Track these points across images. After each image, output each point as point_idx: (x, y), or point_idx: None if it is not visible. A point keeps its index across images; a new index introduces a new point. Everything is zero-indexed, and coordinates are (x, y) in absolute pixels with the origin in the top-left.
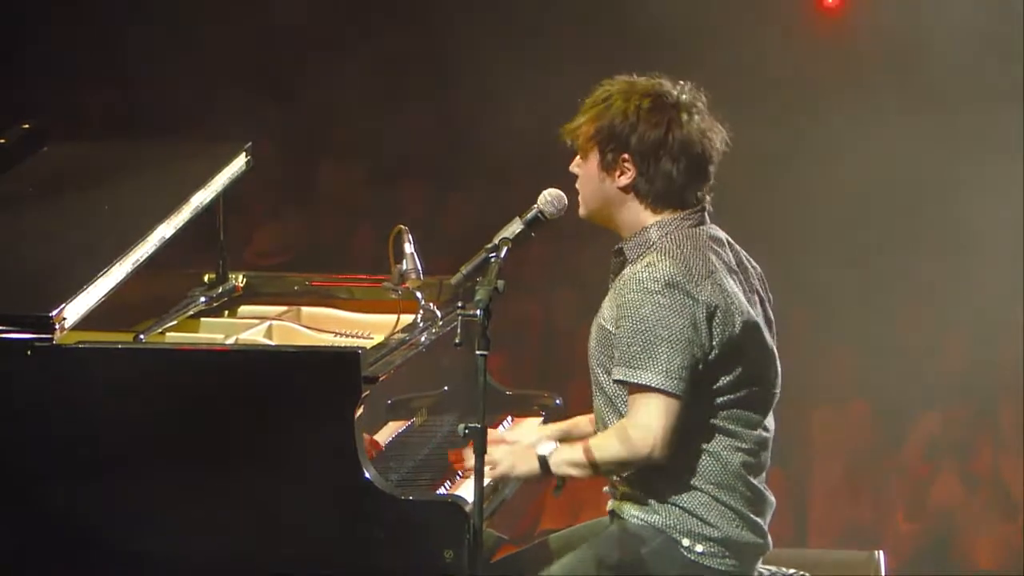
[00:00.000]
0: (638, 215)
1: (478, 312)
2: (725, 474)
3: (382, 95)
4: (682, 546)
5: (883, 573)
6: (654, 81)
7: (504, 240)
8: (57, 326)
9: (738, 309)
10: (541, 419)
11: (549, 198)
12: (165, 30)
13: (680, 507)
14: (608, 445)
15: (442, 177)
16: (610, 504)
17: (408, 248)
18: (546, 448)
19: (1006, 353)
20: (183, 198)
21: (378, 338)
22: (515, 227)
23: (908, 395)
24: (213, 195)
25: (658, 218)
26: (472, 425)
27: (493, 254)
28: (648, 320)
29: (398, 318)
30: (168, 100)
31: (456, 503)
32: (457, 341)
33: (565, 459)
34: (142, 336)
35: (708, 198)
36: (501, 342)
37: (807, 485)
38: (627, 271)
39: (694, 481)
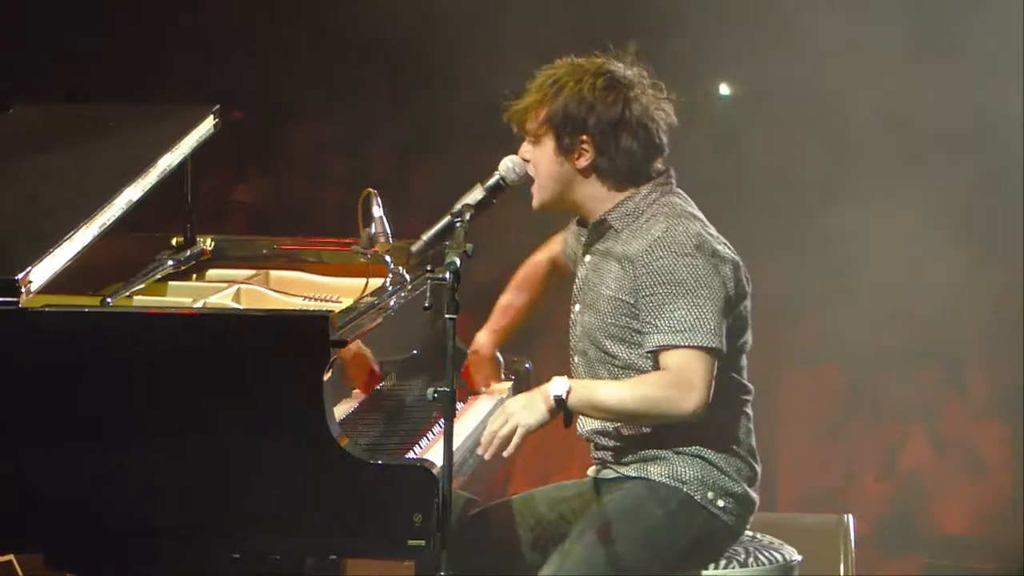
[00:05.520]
0: (601, 194)
1: (447, 276)
2: (742, 429)
3: (351, 57)
4: (707, 499)
5: (852, 536)
6: (599, 60)
7: (466, 206)
8: (23, 289)
9: (741, 264)
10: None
11: (510, 164)
12: None
13: (706, 460)
14: (650, 396)
15: (412, 140)
16: (606, 472)
17: (377, 211)
18: (560, 388)
19: (972, 315)
20: (150, 161)
21: (347, 302)
22: (477, 194)
23: (877, 358)
24: (181, 158)
25: (626, 193)
26: (441, 389)
27: (458, 219)
28: (688, 283)
29: (367, 282)
30: (132, 65)
31: (424, 467)
32: (426, 305)
33: (587, 401)
34: (109, 300)
35: (672, 170)
36: (470, 306)
37: (776, 449)
38: (636, 241)
39: (722, 436)
